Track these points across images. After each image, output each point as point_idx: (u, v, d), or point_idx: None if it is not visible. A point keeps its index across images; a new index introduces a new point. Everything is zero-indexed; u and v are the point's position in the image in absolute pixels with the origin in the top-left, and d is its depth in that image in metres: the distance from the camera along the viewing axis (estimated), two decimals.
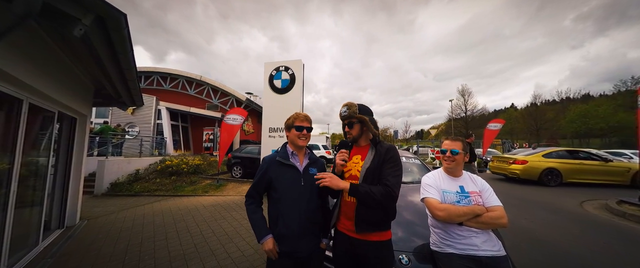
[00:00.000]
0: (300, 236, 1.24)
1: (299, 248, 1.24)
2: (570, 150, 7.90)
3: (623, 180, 7.03)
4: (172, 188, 6.85)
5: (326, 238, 1.39)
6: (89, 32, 1.85)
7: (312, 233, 1.30)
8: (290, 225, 1.24)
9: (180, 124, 15.15)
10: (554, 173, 7.22)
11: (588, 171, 7.19)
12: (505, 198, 5.68)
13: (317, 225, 1.33)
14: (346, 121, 1.35)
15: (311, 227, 1.30)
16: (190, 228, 3.72)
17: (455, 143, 1.46)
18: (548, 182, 7.17)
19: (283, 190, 1.28)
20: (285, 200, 1.27)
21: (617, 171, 7.11)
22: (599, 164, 7.21)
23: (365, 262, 1.22)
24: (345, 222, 1.29)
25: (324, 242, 1.36)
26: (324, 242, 1.36)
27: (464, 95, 34.74)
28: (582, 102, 34.12)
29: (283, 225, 1.25)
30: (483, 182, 1.45)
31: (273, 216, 1.30)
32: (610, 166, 7.16)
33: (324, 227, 1.39)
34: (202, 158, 9.99)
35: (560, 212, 4.62)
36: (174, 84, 16.40)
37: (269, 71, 6.03)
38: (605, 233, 3.54)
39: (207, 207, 4.98)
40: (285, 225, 1.24)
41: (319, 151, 14.99)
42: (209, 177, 8.32)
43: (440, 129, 44.53)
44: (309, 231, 1.29)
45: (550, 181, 7.18)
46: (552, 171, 7.22)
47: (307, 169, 1.35)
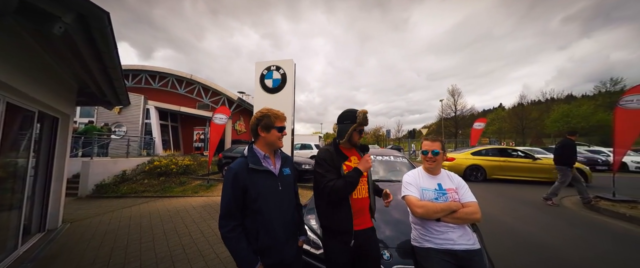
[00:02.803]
0: (284, 243, 1.18)
1: (284, 256, 1.16)
2: (501, 149, 8.39)
3: (549, 177, 7.15)
4: (160, 190, 6.72)
5: (304, 235, 1.38)
6: (70, 30, 1.81)
7: (294, 235, 1.28)
8: (274, 235, 1.14)
9: (169, 124, 14.84)
10: (478, 170, 7.70)
11: (513, 168, 7.56)
12: (492, 195, 5.88)
13: (296, 226, 1.31)
14: (361, 127, 1.43)
15: (294, 230, 1.28)
16: (179, 230, 3.68)
17: (435, 143, 1.52)
18: (472, 178, 7.63)
19: (262, 201, 1.13)
20: (266, 210, 1.13)
21: (543, 168, 7.33)
22: (527, 162, 7.52)
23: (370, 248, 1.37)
24: (361, 218, 1.40)
25: (302, 239, 1.35)
26: (301, 239, 1.34)
27: (454, 96, 35.50)
28: (565, 102, 35.50)
29: (267, 236, 1.13)
30: (459, 179, 1.52)
31: (252, 229, 1.13)
32: (537, 164, 7.43)
33: (300, 224, 1.38)
34: (193, 159, 9.83)
35: (542, 208, 4.84)
36: (163, 83, 16.03)
37: (260, 71, 6.00)
38: (578, 226, 3.75)
39: (196, 208, 4.92)
40: (270, 236, 1.13)
41: (311, 150, 15.00)
42: (199, 178, 8.20)
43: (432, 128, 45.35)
44: (292, 234, 1.26)
45: (473, 177, 7.66)
46: (476, 168, 7.70)
47: (281, 171, 1.26)
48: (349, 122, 1.42)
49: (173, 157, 9.10)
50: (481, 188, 6.56)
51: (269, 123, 1.21)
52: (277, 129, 1.22)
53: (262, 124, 1.21)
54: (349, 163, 1.43)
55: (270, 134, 1.22)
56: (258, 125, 1.22)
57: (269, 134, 1.22)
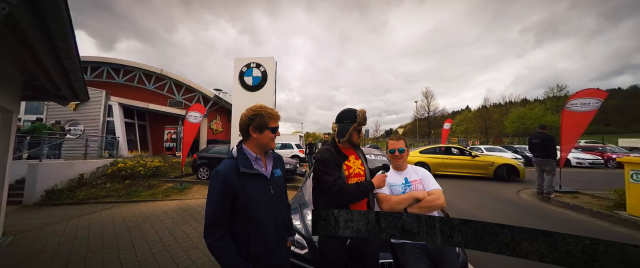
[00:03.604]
0: (276, 247, 1.13)
1: (276, 260, 1.12)
2: (446, 147, 9.26)
3: (486, 173, 7.90)
4: (125, 194, 6.15)
5: (291, 236, 1.36)
6: (17, 13, 1.56)
7: (285, 237, 1.25)
8: (267, 240, 1.08)
9: (136, 122, 13.66)
10: (423, 166, 8.61)
11: (455, 165, 8.33)
12: (465, 191, 6.33)
13: (286, 228, 1.29)
14: (360, 127, 1.45)
15: (284, 233, 1.24)
16: (148, 236, 3.40)
17: (399, 142, 1.64)
18: None
19: (254, 206, 1.06)
20: (258, 216, 1.07)
21: (481, 165, 7.99)
22: (467, 159, 8.31)
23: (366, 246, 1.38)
24: None
25: (290, 240, 1.33)
26: (289, 239, 1.32)
27: (427, 97, 37.75)
28: (520, 106, 39.59)
29: (259, 242, 1.07)
30: (424, 171, 1.65)
31: (242, 236, 1.06)
32: (476, 161, 8.15)
33: (289, 223, 1.36)
34: (163, 160, 9.15)
35: (502, 200, 5.38)
36: (128, 77, 14.67)
37: (239, 67, 5.78)
38: (531, 215, 4.26)
39: (168, 212, 4.59)
40: (262, 242, 1.07)
41: (292, 150, 14.85)
42: (171, 180, 7.66)
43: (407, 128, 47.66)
44: (283, 238, 1.22)
45: None
46: (422, 164, 8.35)
47: (273, 173, 1.19)
48: (349, 121, 1.43)
49: (140, 158, 8.38)
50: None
51: (262, 123, 1.11)
52: (270, 130, 1.13)
53: (254, 124, 1.11)
54: (348, 163, 1.44)
55: (263, 135, 1.12)
56: (250, 124, 1.11)
57: (261, 134, 1.12)
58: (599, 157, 12.60)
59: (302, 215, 2.05)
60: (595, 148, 14.51)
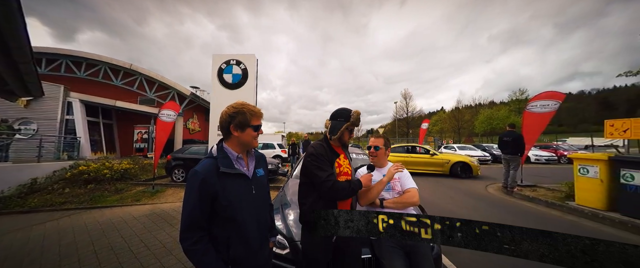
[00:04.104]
0: (258, 249, 1.10)
1: (258, 262, 1.09)
2: (409, 146, 9.94)
3: (443, 170, 8.41)
4: (88, 200, 5.60)
5: (274, 237, 1.33)
6: None
7: (267, 239, 1.22)
8: (249, 243, 1.05)
9: (101, 121, 12.53)
10: None
11: (416, 162, 8.92)
12: (439, 187, 6.67)
13: (268, 228, 1.25)
14: (353, 127, 1.46)
15: (267, 234, 1.21)
16: (115, 245, 3.12)
17: (378, 140, 1.69)
18: None
19: (235, 208, 1.02)
20: (240, 217, 1.03)
21: (438, 163, 8.53)
22: (426, 157, 8.96)
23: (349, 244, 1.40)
24: None
25: (273, 241, 1.30)
26: (272, 240, 1.29)
27: (406, 99, 39.38)
28: (488, 107, 42.83)
29: (240, 245, 1.03)
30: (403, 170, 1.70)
31: (222, 239, 1.01)
32: (435, 159, 8.69)
33: (272, 224, 1.33)
34: (133, 161, 8.49)
35: (472, 194, 5.78)
36: (92, 72, 13.38)
37: (218, 64, 5.55)
38: (495, 206, 4.70)
39: (138, 218, 4.26)
40: (244, 245, 1.04)
41: (274, 150, 14.60)
42: (141, 183, 7.13)
43: (387, 128, 49.25)
44: (266, 239, 1.19)
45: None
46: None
47: (255, 173, 1.15)
48: (342, 119, 1.44)
49: (106, 160, 7.68)
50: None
51: (244, 121, 1.06)
52: (253, 128, 1.08)
53: (235, 122, 1.06)
54: (339, 160, 1.45)
55: (245, 134, 1.08)
56: (231, 123, 1.06)
57: (243, 133, 1.07)
58: (553, 154, 14.06)
59: (283, 215, 2.01)
60: (550, 146, 16.16)
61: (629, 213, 3.57)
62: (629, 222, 3.45)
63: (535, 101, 6.03)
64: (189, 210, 0.96)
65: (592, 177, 4.09)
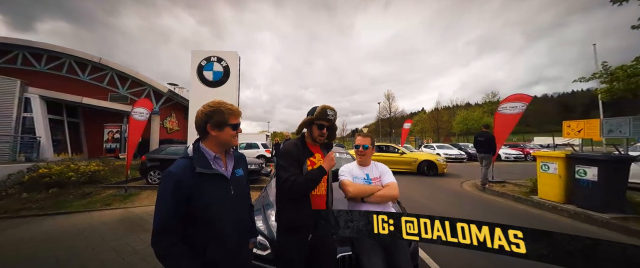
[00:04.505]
0: (237, 251, 1.07)
1: (235, 265, 1.07)
2: (380, 145, 10.23)
3: (411, 168, 8.81)
4: (50, 205, 5.13)
5: (254, 238, 1.31)
6: None
7: (246, 240, 1.20)
8: (226, 245, 1.03)
9: (66, 119, 11.52)
10: None
11: (386, 161, 9.30)
12: (419, 185, 6.94)
13: (248, 229, 1.23)
14: (328, 124, 1.42)
15: (246, 235, 1.19)
16: (82, 253, 2.89)
17: (366, 139, 1.72)
18: None
19: (212, 209, 0.99)
20: (217, 219, 1.00)
21: (407, 161, 8.97)
22: (397, 156, 9.46)
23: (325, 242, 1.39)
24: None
25: (253, 242, 1.28)
26: (252, 241, 1.27)
27: (389, 99, 40.54)
28: (464, 109, 45.33)
29: (217, 247, 1.00)
30: (384, 166, 1.77)
31: (197, 240, 0.98)
32: (403, 158, 9.16)
33: (252, 225, 1.31)
34: (103, 163, 7.91)
35: (448, 191, 6.12)
36: (55, 65, 12.23)
37: (197, 61, 5.33)
38: (468, 201, 5.04)
39: (108, 224, 3.98)
40: (221, 247, 1.01)
41: (258, 150, 14.32)
42: (113, 186, 6.67)
43: (371, 127, 50.30)
44: (244, 239, 1.17)
45: None
46: None
47: (233, 173, 1.12)
48: (310, 116, 1.44)
49: (71, 162, 7.07)
50: None
51: (221, 120, 1.03)
52: (231, 127, 1.05)
53: (212, 121, 1.02)
54: (313, 159, 1.42)
55: (224, 133, 1.05)
56: (207, 122, 1.03)
57: (221, 132, 1.04)
58: (520, 152, 15.23)
59: (265, 216, 1.99)
60: (518, 144, 17.49)
61: (583, 205, 3.96)
62: (582, 213, 3.83)
63: (505, 103, 6.48)
64: (162, 212, 0.92)
65: (552, 173, 4.49)
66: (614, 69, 4.51)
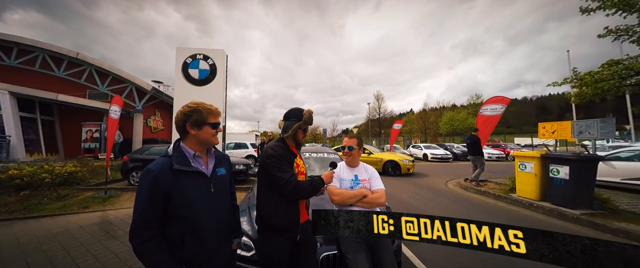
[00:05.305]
0: (216, 250, 1.08)
1: (215, 264, 1.08)
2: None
3: (377, 168, 9.71)
4: (21, 209, 4.81)
5: (238, 238, 1.30)
6: None
7: (227, 239, 1.19)
8: (204, 242, 1.03)
9: (39, 117, 10.84)
10: None
11: None
12: (405, 185, 7.10)
13: (231, 229, 1.23)
14: (306, 126, 1.46)
15: (227, 234, 1.18)
16: (55, 259, 2.74)
17: (352, 140, 1.74)
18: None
19: (190, 206, 1.00)
20: (195, 216, 1.01)
21: (374, 161, 9.12)
22: (365, 156, 9.74)
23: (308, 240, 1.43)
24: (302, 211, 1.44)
25: (236, 242, 1.27)
26: (235, 242, 1.27)
27: (379, 100, 41.14)
28: (451, 110, 46.88)
29: (195, 244, 1.01)
30: (373, 170, 1.79)
31: (175, 237, 0.99)
32: (371, 157, 9.46)
33: (236, 225, 1.30)
34: (80, 163, 7.51)
35: (434, 190, 6.30)
36: (26, 60, 11.46)
37: (182, 58, 5.17)
38: (452, 200, 5.25)
39: (86, 227, 3.79)
40: (199, 244, 1.02)
41: (247, 150, 14.10)
42: (91, 188, 6.35)
43: (361, 128, 50.87)
44: (225, 238, 1.17)
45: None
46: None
47: (214, 172, 1.14)
48: (295, 119, 1.45)
49: (45, 163, 6.66)
50: None
51: (200, 119, 1.06)
52: (210, 126, 1.08)
53: (191, 121, 1.05)
54: (297, 160, 1.46)
55: (203, 131, 1.07)
56: (186, 121, 1.06)
57: (200, 131, 1.07)
58: (502, 152, 15.94)
59: (250, 216, 1.97)
60: (499, 144, 18.29)
61: (556, 202, 4.21)
62: (556, 210, 4.07)
63: (486, 105, 6.77)
64: (140, 209, 0.94)
65: (528, 172, 4.73)
66: (583, 75, 4.80)
